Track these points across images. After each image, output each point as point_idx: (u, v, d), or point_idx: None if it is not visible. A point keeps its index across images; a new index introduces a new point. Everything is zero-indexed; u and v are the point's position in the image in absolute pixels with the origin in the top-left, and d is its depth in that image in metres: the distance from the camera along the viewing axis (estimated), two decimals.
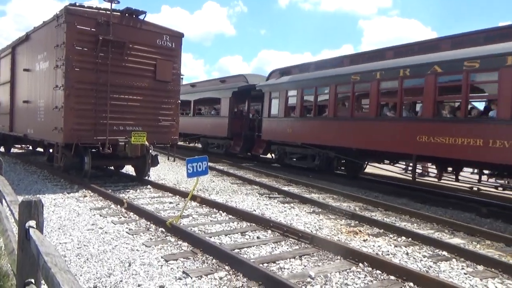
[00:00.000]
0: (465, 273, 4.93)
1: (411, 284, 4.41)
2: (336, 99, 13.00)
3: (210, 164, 14.24)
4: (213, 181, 11.58)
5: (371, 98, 11.60)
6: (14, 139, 15.02)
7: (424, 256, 5.50)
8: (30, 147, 17.34)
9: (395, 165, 13.16)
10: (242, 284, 4.20)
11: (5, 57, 13.78)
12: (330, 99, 13.11)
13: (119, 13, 9.87)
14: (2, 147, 16.68)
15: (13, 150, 17.14)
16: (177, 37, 10.96)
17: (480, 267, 5.18)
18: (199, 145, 25.98)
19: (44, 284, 2.41)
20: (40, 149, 15.75)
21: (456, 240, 6.53)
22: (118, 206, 7.67)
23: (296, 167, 15.13)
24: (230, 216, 7.27)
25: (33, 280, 2.79)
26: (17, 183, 9.68)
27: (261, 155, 18.21)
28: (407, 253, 5.59)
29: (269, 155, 18.20)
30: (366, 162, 13.54)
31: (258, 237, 6.00)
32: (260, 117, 17.59)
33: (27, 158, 14.67)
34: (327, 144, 13.20)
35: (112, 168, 12.22)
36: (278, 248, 5.55)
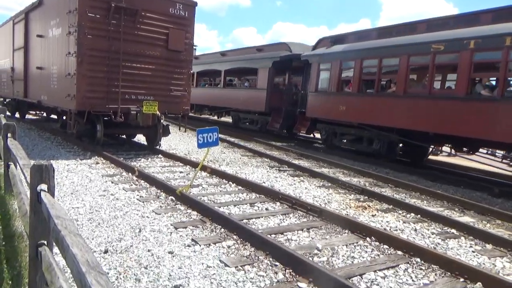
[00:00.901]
0: (473, 251, 4.92)
1: (418, 259, 4.41)
2: (408, 72, 10.98)
3: (221, 135, 14.29)
4: (224, 153, 11.62)
5: (459, 73, 9.62)
6: (28, 105, 15.18)
7: (433, 233, 5.49)
8: (44, 114, 17.56)
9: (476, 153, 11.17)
10: (250, 253, 4.25)
11: (18, 23, 13.73)
12: (400, 73, 11.02)
13: None
14: (17, 113, 16.92)
15: (27, 116, 17.38)
16: (190, 6, 10.73)
17: (489, 246, 5.15)
18: (221, 119, 24.79)
19: (56, 246, 2.46)
20: (54, 116, 15.93)
21: (466, 219, 6.49)
22: (130, 173, 7.77)
23: (347, 150, 13.42)
24: (240, 187, 7.31)
25: (45, 242, 2.85)
26: (31, 148, 9.86)
27: (301, 134, 16.77)
28: (415, 230, 5.58)
29: (312, 135, 17.12)
30: (433, 147, 12.19)
31: (266, 209, 6.04)
32: (303, 92, 15.71)
33: (41, 124, 14.87)
34: (392, 125, 11.24)
35: (123, 136, 12.33)
36: (286, 220, 5.59)
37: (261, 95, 16.85)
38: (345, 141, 13.73)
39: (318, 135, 16.29)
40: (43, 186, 2.86)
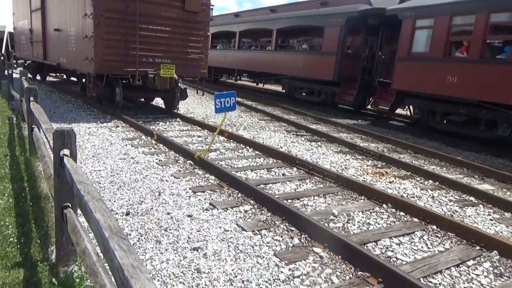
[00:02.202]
0: (491, 219, 4.89)
1: (434, 227, 4.43)
2: None
3: (239, 99, 14.20)
4: (241, 117, 11.62)
5: None
6: (48, 67, 15.33)
7: (450, 201, 5.46)
8: (64, 76, 17.74)
9: None
10: (266, 218, 4.34)
11: None
12: None
13: None
14: (38, 75, 17.15)
15: (48, 78, 17.60)
16: None
17: (508, 214, 5.11)
18: (270, 87, 23.11)
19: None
20: (73, 79, 16.09)
21: (485, 186, 6.41)
22: (149, 137, 7.88)
23: (450, 134, 10.61)
24: (257, 152, 7.36)
25: (69, 204, 2.97)
26: (53, 111, 10.06)
27: (380, 108, 13.34)
28: (432, 197, 5.56)
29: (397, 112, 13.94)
30: None
31: (283, 174, 6.09)
32: (384, 57, 12.93)
33: (62, 87, 15.07)
34: None
35: (142, 100, 12.41)
36: (303, 185, 5.63)
37: (328, 60, 13.78)
38: (447, 122, 10.78)
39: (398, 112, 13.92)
40: (66, 151, 2.93)
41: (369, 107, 14.65)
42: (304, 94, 16.34)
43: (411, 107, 12.21)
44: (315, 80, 15.03)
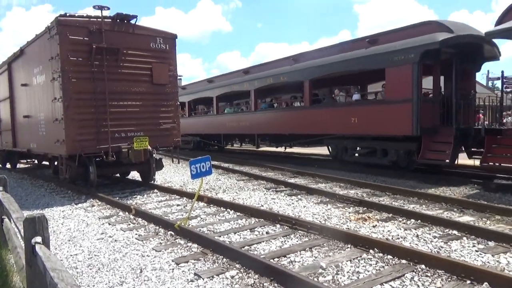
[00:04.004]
0: (476, 251, 4.91)
1: (423, 266, 4.39)
2: None
3: (214, 162, 14.27)
4: (219, 179, 11.59)
5: None
6: (19, 154, 15.09)
7: (435, 237, 5.48)
8: (36, 161, 17.43)
9: None
10: (254, 281, 4.20)
11: (2, 74, 13.81)
12: None
13: (110, 20, 9.83)
14: (8, 163, 16.79)
15: (19, 165, 17.24)
16: (171, 38, 10.91)
17: (492, 243, 5.15)
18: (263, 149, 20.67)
19: None
20: (45, 162, 15.82)
21: (466, 218, 6.50)
22: (126, 212, 7.70)
23: None
24: (238, 214, 7.27)
25: None
26: (25, 198, 9.76)
27: (495, 166, 9.68)
28: (417, 236, 5.57)
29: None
30: None
31: (267, 232, 6.00)
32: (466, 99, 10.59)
33: (34, 172, 14.77)
34: None
35: (118, 175, 12.26)
36: (288, 241, 5.55)
37: (399, 110, 10.68)
38: None
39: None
40: (38, 239, 2.84)
41: (466, 162, 11.45)
42: (358, 155, 13.02)
43: None
44: (378, 137, 11.78)
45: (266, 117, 16.39)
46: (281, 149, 19.44)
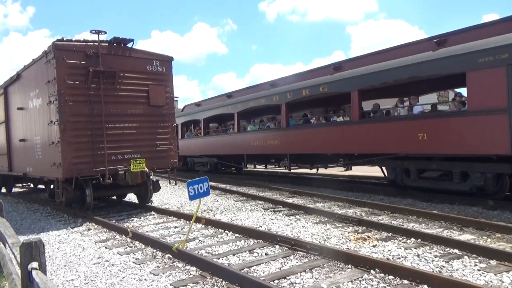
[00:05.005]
0: (478, 270, 4.86)
1: (425, 286, 4.33)
2: None
3: (212, 183, 14.19)
4: (217, 201, 11.52)
5: None
6: (14, 178, 14.98)
7: (436, 256, 5.43)
8: (31, 185, 17.28)
9: None
10: None
11: None
12: None
13: (107, 44, 9.95)
14: (3, 187, 16.63)
15: (14, 189, 17.07)
16: (167, 61, 11.03)
17: (493, 262, 5.11)
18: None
19: None
20: (41, 186, 15.69)
21: (466, 236, 6.46)
22: (123, 236, 7.59)
23: None
24: (237, 235, 7.20)
25: None
26: (20, 223, 9.63)
27: None
28: (418, 255, 5.52)
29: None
30: None
31: (266, 254, 5.93)
32: None
33: (29, 196, 14.61)
34: None
35: (114, 197, 12.16)
36: (288, 262, 5.48)
37: (487, 123, 8.65)
38: None
39: None
40: (34, 264, 2.80)
41: None
42: (426, 179, 10.46)
43: None
44: (455, 157, 9.62)
45: (301, 135, 14.00)
46: (318, 171, 16.72)
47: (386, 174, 11.88)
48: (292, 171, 16.16)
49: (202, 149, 20.45)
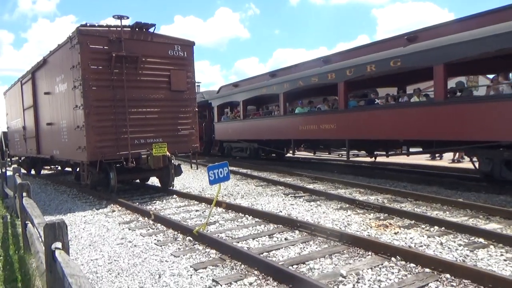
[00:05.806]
0: (504, 260, 4.70)
1: (448, 275, 4.23)
2: None
3: (234, 168, 14.24)
4: (238, 185, 11.58)
5: None
6: (42, 161, 15.48)
7: (460, 245, 5.29)
8: (59, 167, 17.85)
9: None
10: None
11: (26, 83, 14.22)
12: None
13: (129, 29, 10.00)
14: (32, 169, 17.24)
15: (43, 171, 17.67)
16: (188, 46, 11.02)
17: None
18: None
19: None
20: (68, 169, 16.17)
21: (493, 226, 6.27)
22: (146, 218, 7.75)
23: None
24: (257, 219, 7.22)
25: None
26: (48, 204, 9.97)
27: None
28: (441, 243, 5.39)
29: None
30: None
31: (286, 239, 5.93)
32: None
33: (57, 178, 15.10)
34: None
35: (137, 181, 12.40)
36: (307, 248, 5.46)
37: None
38: None
39: None
40: (57, 244, 2.86)
41: None
42: None
43: None
44: None
45: (365, 118, 11.94)
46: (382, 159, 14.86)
47: (477, 166, 10.01)
48: (352, 158, 13.77)
49: (241, 133, 18.56)
